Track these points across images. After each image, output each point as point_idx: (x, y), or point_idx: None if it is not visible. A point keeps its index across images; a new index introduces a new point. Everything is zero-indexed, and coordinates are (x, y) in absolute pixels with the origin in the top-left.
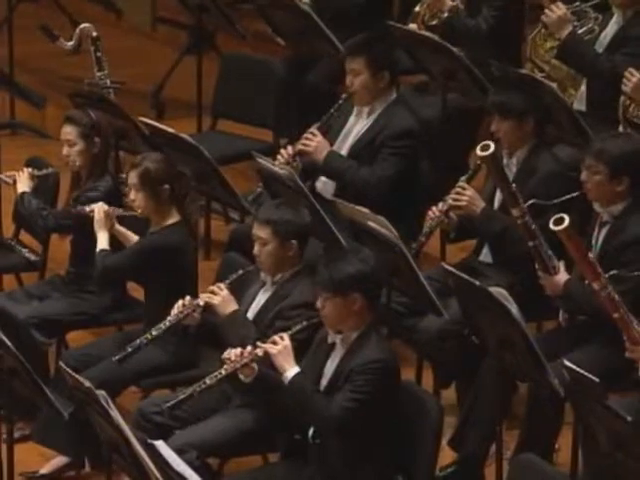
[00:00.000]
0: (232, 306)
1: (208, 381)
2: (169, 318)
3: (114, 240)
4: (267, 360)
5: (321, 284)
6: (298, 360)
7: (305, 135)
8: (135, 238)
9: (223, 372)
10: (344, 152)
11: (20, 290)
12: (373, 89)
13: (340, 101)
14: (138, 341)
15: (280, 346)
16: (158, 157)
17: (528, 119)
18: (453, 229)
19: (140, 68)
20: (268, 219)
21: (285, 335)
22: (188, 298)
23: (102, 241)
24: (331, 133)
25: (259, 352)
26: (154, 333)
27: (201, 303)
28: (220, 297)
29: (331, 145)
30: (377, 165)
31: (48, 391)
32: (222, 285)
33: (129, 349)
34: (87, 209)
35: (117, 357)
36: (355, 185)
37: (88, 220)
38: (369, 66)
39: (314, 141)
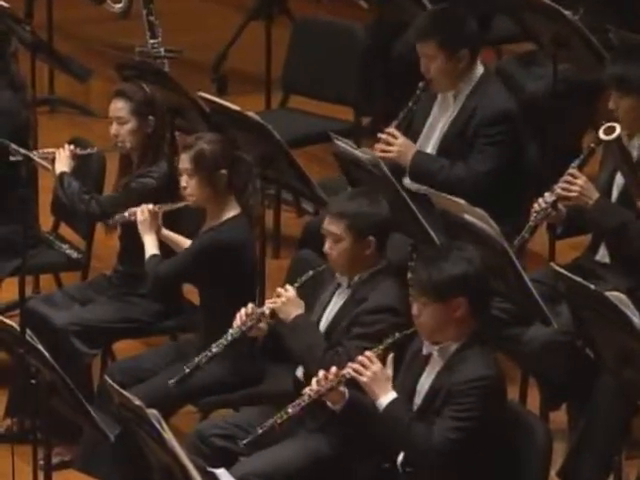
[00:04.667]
0: (296, 310)
1: (290, 410)
2: (231, 332)
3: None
4: (355, 382)
5: (419, 287)
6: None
7: (384, 139)
8: (187, 242)
9: (306, 399)
10: (431, 149)
11: (59, 292)
12: (453, 72)
13: (418, 91)
14: (196, 360)
15: (370, 372)
16: (214, 137)
17: None
18: (561, 223)
19: (199, 35)
20: (342, 212)
21: (373, 356)
22: (251, 306)
23: (150, 245)
24: (414, 125)
25: (346, 373)
26: (214, 350)
27: (267, 311)
28: (284, 298)
29: (415, 139)
30: (472, 159)
31: (91, 410)
32: (289, 287)
33: (186, 370)
34: (127, 214)
35: (173, 380)
36: (450, 186)
37: (133, 224)
38: (442, 48)
39: (395, 145)
